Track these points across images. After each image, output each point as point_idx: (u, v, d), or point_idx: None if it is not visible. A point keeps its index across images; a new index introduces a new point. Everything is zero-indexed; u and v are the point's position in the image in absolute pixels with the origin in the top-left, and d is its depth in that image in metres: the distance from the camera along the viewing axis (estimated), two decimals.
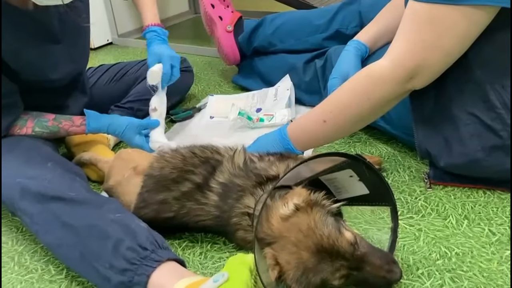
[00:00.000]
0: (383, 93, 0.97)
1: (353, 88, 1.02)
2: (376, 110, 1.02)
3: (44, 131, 1.20)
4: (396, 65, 0.94)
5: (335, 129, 1.06)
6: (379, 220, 1.01)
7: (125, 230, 0.86)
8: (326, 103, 1.06)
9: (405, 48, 0.93)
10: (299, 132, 1.09)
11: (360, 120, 1.05)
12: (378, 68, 0.98)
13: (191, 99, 1.80)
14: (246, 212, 0.91)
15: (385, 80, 0.96)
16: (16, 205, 0.95)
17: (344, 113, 1.03)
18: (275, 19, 1.70)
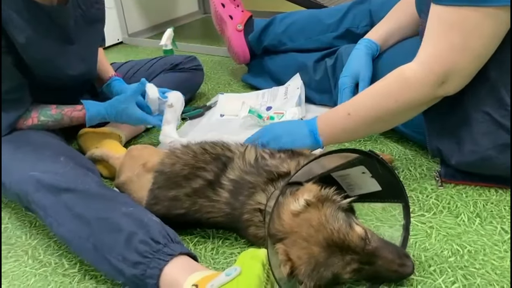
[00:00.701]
0: (412, 96, 0.97)
1: (381, 88, 1.02)
2: (401, 113, 1.01)
3: (49, 119, 1.21)
4: (427, 69, 0.93)
5: (357, 124, 1.05)
6: (390, 218, 1.01)
7: (137, 223, 0.87)
8: (355, 99, 1.07)
9: (435, 53, 0.92)
10: (325, 124, 1.09)
11: (383, 121, 1.03)
12: (409, 71, 0.97)
13: (201, 97, 1.81)
14: (257, 208, 0.91)
15: (416, 83, 0.95)
16: (29, 199, 0.95)
17: (369, 110, 1.02)
18: (285, 18, 1.70)
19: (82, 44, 1.26)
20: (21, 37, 1.09)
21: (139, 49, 2.60)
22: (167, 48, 1.99)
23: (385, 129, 1.10)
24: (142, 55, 2.43)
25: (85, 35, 1.27)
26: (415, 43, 1.23)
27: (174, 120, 1.34)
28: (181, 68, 1.68)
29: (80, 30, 1.24)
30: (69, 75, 1.26)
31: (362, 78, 1.28)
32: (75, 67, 1.27)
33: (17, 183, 0.98)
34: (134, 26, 2.77)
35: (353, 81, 1.29)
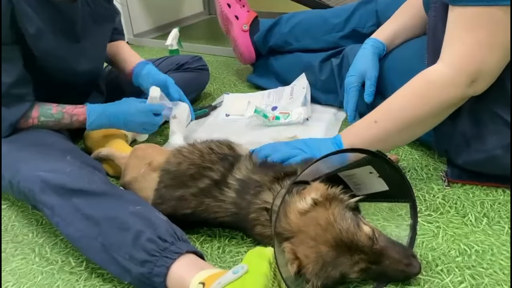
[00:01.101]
0: (443, 98, 0.95)
1: (408, 92, 1.00)
2: (431, 116, 0.98)
3: (49, 119, 1.18)
4: (457, 70, 0.92)
5: (385, 132, 1.01)
6: (397, 217, 1.01)
7: (145, 222, 0.87)
8: (380, 106, 1.03)
9: (463, 52, 0.91)
10: (353, 137, 1.04)
11: (413, 126, 1.00)
12: (437, 73, 0.96)
13: (207, 97, 1.81)
14: (264, 207, 0.91)
15: (446, 85, 0.94)
16: (37, 198, 0.96)
17: (397, 116, 1.00)
18: (291, 18, 1.70)
19: (88, 42, 1.26)
20: (32, 28, 1.09)
21: (145, 49, 2.61)
22: (173, 48, 2.00)
23: (415, 137, 1.05)
24: (148, 55, 2.44)
25: (92, 33, 1.27)
26: (421, 43, 1.23)
27: (179, 131, 1.35)
28: (187, 68, 1.68)
29: (87, 28, 1.25)
30: (74, 71, 1.26)
31: (368, 78, 1.28)
32: (80, 64, 1.27)
33: (23, 182, 0.98)
34: (140, 26, 2.77)
35: (359, 81, 1.29)
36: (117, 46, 1.49)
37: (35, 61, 1.15)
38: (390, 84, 1.28)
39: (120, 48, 1.49)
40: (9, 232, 1.10)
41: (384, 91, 1.30)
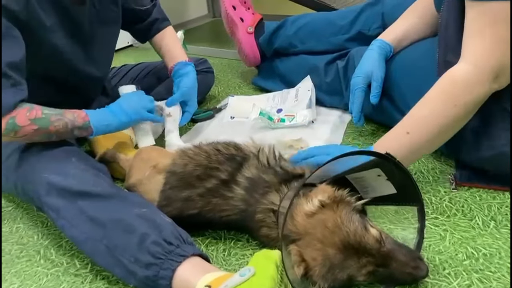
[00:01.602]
0: (471, 97, 0.94)
1: (436, 97, 0.98)
2: (462, 117, 0.97)
3: (52, 112, 1.09)
4: (480, 67, 0.92)
5: (419, 141, 0.99)
6: (403, 220, 1.00)
7: (150, 224, 0.87)
8: (409, 116, 1.01)
9: (484, 49, 0.91)
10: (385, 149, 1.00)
11: (446, 130, 0.99)
12: (461, 72, 0.95)
13: (212, 100, 1.81)
14: (271, 208, 0.90)
15: (472, 83, 0.93)
16: (42, 200, 0.96)
17: (429, 123, 0.98)
18: (296, 20, 1.70)
19: (94, 45, 1.26)
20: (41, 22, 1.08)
21: (149, 52, 2.59)
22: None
23: (446, 140, 1.02)
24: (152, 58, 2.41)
25: (99, 36, 1.27)
26: (428, 45, 1.23)
27: (175, 128, 1.34)
28: None
29: (94, 31, 1.25)
30: (79, 73, 1.26)
31: (375, 79, 1.27)
32: (86, 67, 1.27)
33: (29, 185, 0.99)
34: None
35: (365, 82, 1.29)
36: (167, 39, 1.50)
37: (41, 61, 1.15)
38: (396, 86, 1.28)
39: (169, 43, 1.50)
40: (14, 234, 1.10)
41: (390, 92, 1.29)
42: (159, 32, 1.50)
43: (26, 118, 1.02)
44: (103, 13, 1.26)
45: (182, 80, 1.38)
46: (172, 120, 1.35)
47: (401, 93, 1.27)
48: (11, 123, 1.00)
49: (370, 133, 1.43)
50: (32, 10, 1.05)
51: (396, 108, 1.29)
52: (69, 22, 1.16)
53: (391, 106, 1.31)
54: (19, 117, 1.01)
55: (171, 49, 1.48)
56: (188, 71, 1.40)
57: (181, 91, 1.36)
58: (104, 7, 1.26)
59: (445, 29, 1.04)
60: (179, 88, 1.37)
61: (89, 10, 1.21)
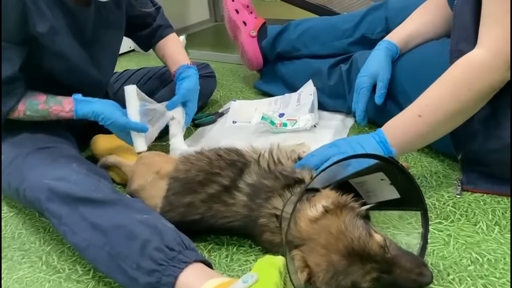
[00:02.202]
0: (485, 83, 0.94)
1: (450, 80, 0.98)
2: (474, 102, 0.96)
3: (35, 115, 1.15)
4: (496, 53, 0.92)
5: (431, 124, 0.99)
6: (407, 225, 0.99)
7: (152, 230, 0.86)
8: (421, 98, 1.01)
9: (500, 34, 0.91)
10: (394, 131, 1.02)
11: (457, 115, 0.98)
12: (477, 57, 0.95)
13: (214, 104, 1.81)
14: (274, 213, 0.90)
15: (487, 69, 0.93)
16: (43, 206, 0.95)
17: (441, 106, 0.98)
18: (300, 25, 1.70)
19: (97, 48, 1.26)
20: (43, 25, 1.08)
21: (151, 57, 2.61)
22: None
23: (454, 126, 1.01)
24: (154, 63, 2.43)
25: (102, 40, 1.27)
26: (435, 48, 1.23)
27: (179, 131, 1.33)
28: None
29: (98, 33, 1.25)
30: (82, 77, 1.26)
31: (380, 79, 1.27)
32: (89, 71, 1.27)
33: (30, 190, 0.98)
34: None
35: (371, 82, 1.28)
36: (169, 44, 1.50)
37: (43, 63, 1.15)
38: (401, 88, 1.28)
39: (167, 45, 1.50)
40: (16, 240, 1.09)
41: (395, 94, 1.29)
42: (163, 39, 1.50)
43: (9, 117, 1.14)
44: (106, 17, 1.26)
45: (183, 82, 1.38)
46: (176, 123, 1.34)
47: (406, 95, 1.26)
48: None
49: None
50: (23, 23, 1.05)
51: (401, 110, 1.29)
52: (74, 24, 1.16)
53: (396, 109, 1.30)
54: None
55: (174, 53, 1.48)
56: (190, 74, 1.40)
57: (181, 93, 1.36)
58: (108, 11, 1.26)
59: (459, 18, 1.04)
60: (179, 90, 1.36)
61: (94, 14, 1.21)
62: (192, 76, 1.40)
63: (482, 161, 1.08)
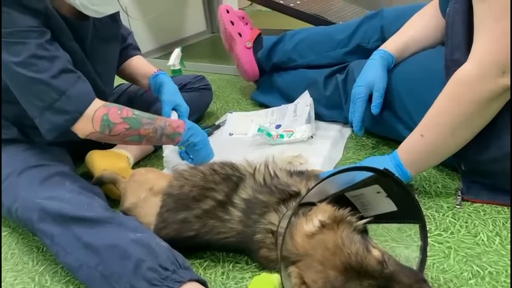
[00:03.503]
0: (473, 95, 0.93)
1: (442, 97, 0.99)
2: (470, 116, 0.96)
3: (143, 115, 1.12)
4: (481, 64, 0.92)
5: (433, 142, 1.01)
6: (406, 238, 0.98)
7: (145, 250, 0.85)
8: (424, 118, 1.03)
9: (488, 44, 0.91)
10: (405, 153, 1.06)
11: (456, 131, 0.98)
12: (464, 71, 0.95)
13: (210, 116, 1.80)
14: (269, 229, 0.88)
15: (472, 81, 0.93)
16: (35, 227, 0.94)
17: (437, 122, 1.00)
18: (295, 35, 1.69)
19: (96, 62, 1.25)
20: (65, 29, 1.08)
21: None
22: (175, 68, 1.99)
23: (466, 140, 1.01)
24: None
25: (100, 53, 1.27)
26: (431, 55, 1.22)
27: None
28: (190, 88, 1.67)
29: (96, 47, 1.24)
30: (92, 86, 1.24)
31: (376, 89, 1.26)
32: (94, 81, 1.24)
33: (22, 210, 0.97)
34: (143, 47, 2.73)
35: (367, 91, 1.27)
36: (134, 62, 1.49)
37: None
38: (398, 97, 1.27)
39: (137, 63, 1.48)
40: (8, 260, 1.07)
41: (392, 104, 1.28)
42: (130, 58, 1.49)
43: (118, 116, 1.07)
44: (102, 31, 1.25)
45: (162, 90, 1.37)
46: None
47: (403, 104, 1.25)
48: (106, 120, 1.06)
49: (371, 147, 1.41)
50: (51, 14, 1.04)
51: (399, 120, 1.28)
52: (76, 37, 1.15)
53: (393, 118, 1.30)
54: (112, 114, 1.07)
55: (144, 67, 1.47)
56: (162, 80, 1.39)
57: (166, 101, 1.34)
58: (104, 25, 1.25)
59: (452, 27, 1.04)
60: (163, 99, 1.35)
61: (91, 27, 1.20)
62: (166, 80, 1.39)
63: (483, 171, 1.07)
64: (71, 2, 1.06)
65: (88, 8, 1.07)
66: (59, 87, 1.01)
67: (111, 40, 1.31)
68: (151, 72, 1.43)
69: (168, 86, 1.37)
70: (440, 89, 1.12)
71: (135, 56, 1.50)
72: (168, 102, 1.34)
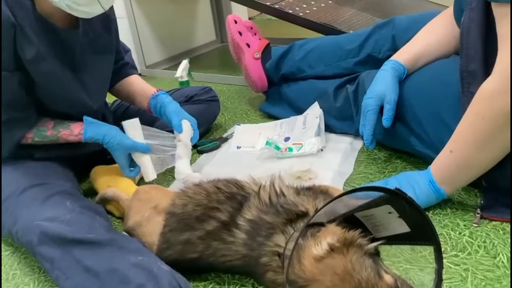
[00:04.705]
0: (495, 108, 0.90)
1: (469, 109, 0.97)
2: (495, 130, 0.93)
3: (43, 140, 1.18)
4: (502, 75, 0.89)
5: (463, 158, 0.99)
6: (420, 259, 0.93)
7: (146, 274, 0.82)
8: (453, 134, 1.01)
9: (508, 55, 0.88)
10: (437, 169, 1.04)
11: (486, 145, 0.95)
12: (487, 84, 0.92)
13: (218, 129, 1.77)
14: (276, 251, 0.84)
15: (495, 94, 0.90)
16: (35, 250, 0.92)
17: (464, 138, 0.98)
18: (304, 45, 1.66)
19: (87, 72, 1.22)
20: (31, 51, 1.06)
21: (156, 80, 2.59)
22: (183, 80, 1.97)
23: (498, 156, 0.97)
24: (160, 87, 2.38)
25: (91, 64, 1.23)
26: (445, 65, 1.18)
27: (185, 155, 1.27)
28: (197, 99, 1.64)
29: (86, 58, 1.21)
30: (73, 101, 1.22)
31: (387, 101, 1.21)
32: (79, 95, 1.22)
33: (22, 233, 0.95)
34: (152, 57, 2.76)
35: (377, 103, 1.22)
36: (132, 80, 1.46)
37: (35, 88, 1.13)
38: (410, 109, 1.22)
39: (135, 83, 1.45)
40: (10, 281, 1.05)
41: (404, 116, 1.23)
42: (127, 77, 1.46)
43: None
44: (96, 42, 1.22)
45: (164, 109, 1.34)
46: (182, 145, 1.28)
47: (416, 117, 1.21)
48: None
49: (383, 160, 1.36)
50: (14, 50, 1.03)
51: (411, 133, 1.23)
52: (62, 49, 1.13)
53: (405, 131, 1.25)
54: None
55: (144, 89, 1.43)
56: (163, 100, 1.36)
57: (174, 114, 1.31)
58: (97, 36, 1.22)
59: (466, 37, 1.00)
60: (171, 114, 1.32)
61: (82, 38, 1.18)
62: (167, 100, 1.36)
63: (505, 187, 1.01)
64: (57, 5, 1.02)
65: (75, 9, 1.03)
66: None
67: (104, 51, 1.28)
68: (151, 92, 1.40)
69: (171, 104, 1.35)
70: (454, 101, 1.08)
71: (132, 75, 1.47)
72: (176, 114, 1.31)
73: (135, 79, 1.46)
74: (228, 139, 1.61)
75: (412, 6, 2.47)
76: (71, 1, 1.01)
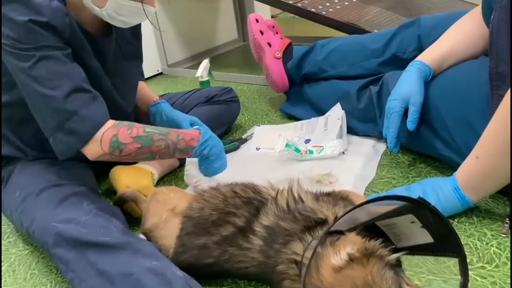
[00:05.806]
0: None
1: (495, 117, 0.93)
2: None
3: (155, 131, 1.07)
4: None
5: (489, 165, 0.95)
6: (444, 270, 0.89)
7: (160, 279, 0.81)
8: (480, 139, 0.97)
9: None
10: (463, 175, 1.01)
11: (509, 153, 0.91)
12: None
13: (238, 129, 1.75)
14: (293, 259, 0.82)
15: None
16: (50, 251, 0.92)
17: (490, 144, 0.95)
18: (326, 45, 1.62)
19: (118, 78, 1.23)
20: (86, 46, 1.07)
21: (178, 79, 2.59)
22: (204, 80, 1.96)
23: None
24: (181, 86, 2.41)
25: (122, 70, 1.24)
26: (472, 67, 1.14)
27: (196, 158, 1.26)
28: (217, 100, 1.63)
29: (117, 64, 1.21)
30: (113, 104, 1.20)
31: (412, 103, 1.17)
32: (116, 100, 1.23)
33: (38, 233, 0.95)
34: (174, 56, 2.76)
35: (402, 106, 1.19)
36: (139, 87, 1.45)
37: None
38: (435, 112, 1.18)
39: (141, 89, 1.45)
40: (28, 281, 1.05)
41: (429, 119, 1.19)
42: None
43: (128, 135, 1.02)
44: (124, 48, 1.23)
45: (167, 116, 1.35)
46: None
47: (441, 120, 1.16)
48: (115, 141, 1.01)
49: (406, 164, 1.32)
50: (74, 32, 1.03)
51: (437, 137, 1.19)
52: (98, 53, 1.13)
53: (430, 135, 1.21)
54: (121, 134, 1.01)
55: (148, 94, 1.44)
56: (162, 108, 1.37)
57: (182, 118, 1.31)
58: (125, 42, 1.23)
59: (496, 37, 0.97)
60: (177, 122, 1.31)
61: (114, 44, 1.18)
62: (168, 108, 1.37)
63: None
64: (98, 14, 1.04)
65: (116, 18, 1.04)
66: (71, 107, 0.98)
67: (133, 58, 1.29)
68: (153, 99, 1.41)
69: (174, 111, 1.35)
70: (483, 104, 1.03)
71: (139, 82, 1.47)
72: (184, 118, 1.30)
73: (142, 86, 1.46)
74: (247, 140, 1.59)
75: (439, 5, 2.40)
76: (113, 11, 1.02)
